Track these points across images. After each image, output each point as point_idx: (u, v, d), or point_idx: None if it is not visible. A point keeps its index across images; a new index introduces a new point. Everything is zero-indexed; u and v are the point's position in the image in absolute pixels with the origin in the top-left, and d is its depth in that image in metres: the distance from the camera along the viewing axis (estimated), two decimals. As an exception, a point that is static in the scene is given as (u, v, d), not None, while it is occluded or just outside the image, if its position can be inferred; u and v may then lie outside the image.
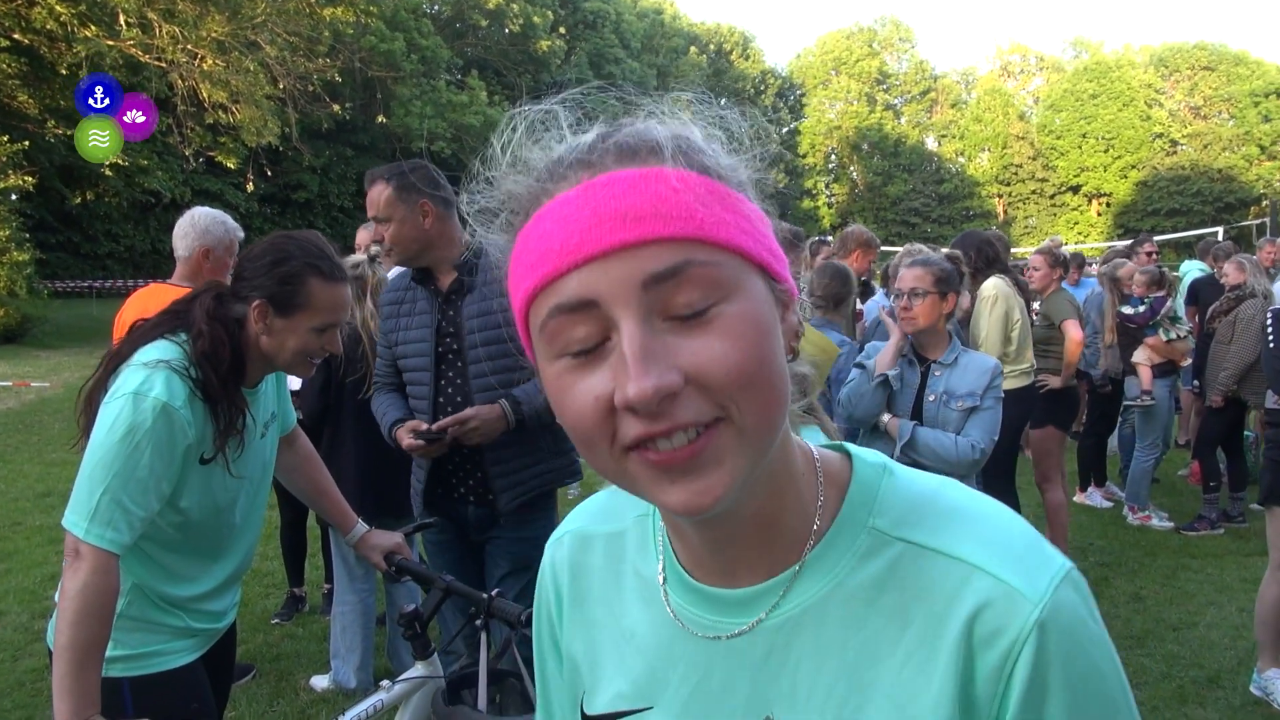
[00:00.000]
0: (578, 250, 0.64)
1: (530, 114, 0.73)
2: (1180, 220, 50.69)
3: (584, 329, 0.65)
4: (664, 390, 0.62)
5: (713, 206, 0.66)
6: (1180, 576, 5.76)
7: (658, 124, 0.71)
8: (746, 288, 0.67)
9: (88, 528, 1.87)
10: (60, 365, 16.21)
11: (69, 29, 20.44)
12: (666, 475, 0.66)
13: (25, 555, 6.13)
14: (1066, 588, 0.72)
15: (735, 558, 0.77)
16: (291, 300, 2.11)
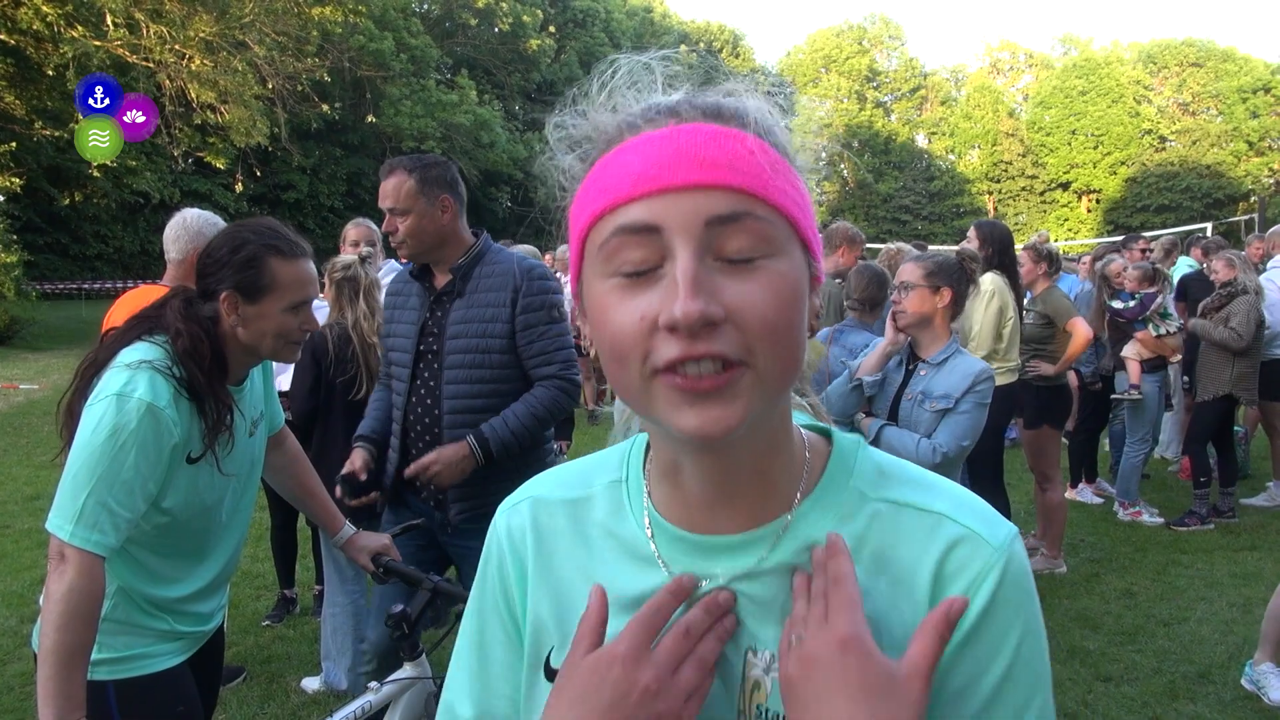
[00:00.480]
0: (654, 180, 0.72)
1: (631, 62, 0.81)
2: (1169, 216, 50.82)
3: (641, 252, 0.73)
4: (708, 316, 0.70)
5: (778, 175, 0.75)
6: (1171, 572, 5.78)
7: (746, 95, 0.79)
8: (791, 253, 0.76)
9: (72, 530, 1.86)
10: (49, 367, 16.12)
11: (55, 29, 20.31)
12: (687, 400, 0.72)
13: (13, 559, 6.10)
14: (1018, 543, 0.83)
15: (726, 507, 0.83)
16: (257, 284, 2.09)
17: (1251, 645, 4.63)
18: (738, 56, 66.00)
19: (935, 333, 3.46)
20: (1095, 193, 59.15)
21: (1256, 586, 5.45)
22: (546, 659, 0.91)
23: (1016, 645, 0.79)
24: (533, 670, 0.92)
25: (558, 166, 0.82)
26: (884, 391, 3.53)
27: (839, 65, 66.99)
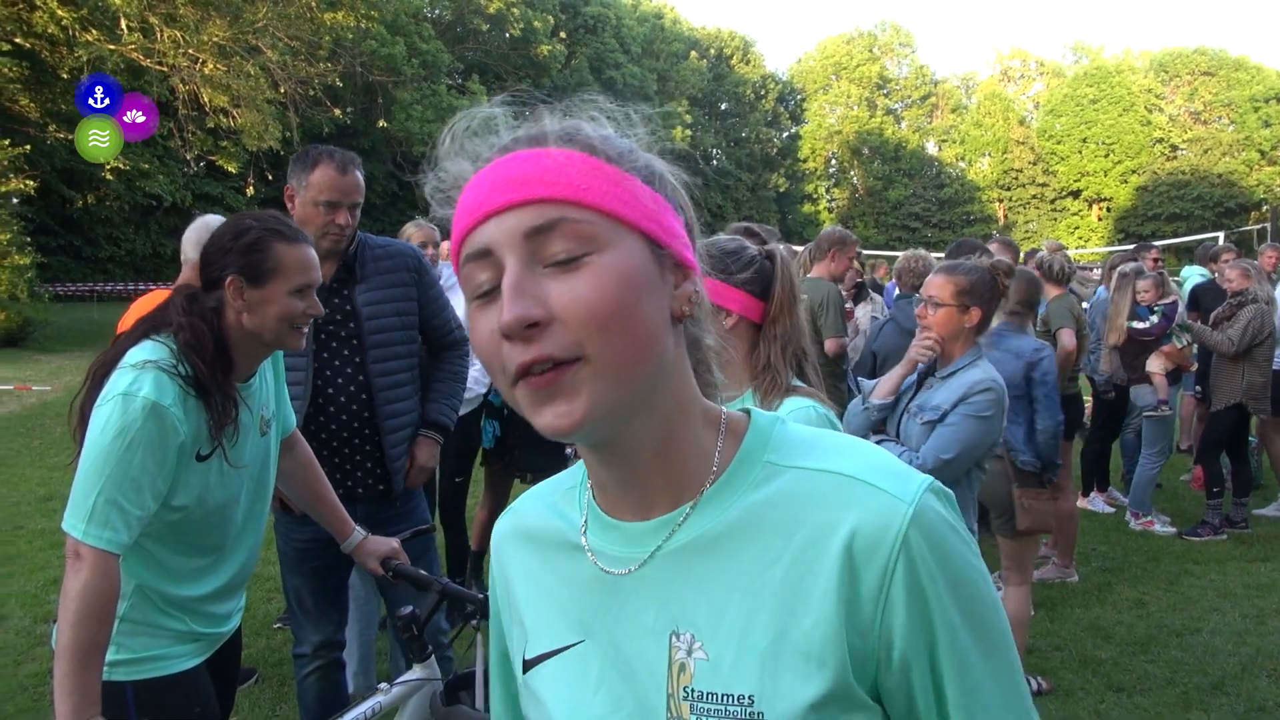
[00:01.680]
0: (479, 209, 0.80)
1: (475, 114, 0.87)
2: (1181, 225, 50.69)
3: (485, 274, 0.80)
4: (526, 319, 0.75)
5: (592, 179, 0.80)
6: (1183, 582, 5.75)
7: (550, 119, 0.85)
8: (621, 246, 0.79)
9: (85, 529, 1.88)
10: (61, 369, 16.20)
11: (70, 33, 20.44)
12: (537, 400, 0.77)
13: (27, 559, 6.13)
14: (932, 494, 0.82)
15: (642, 495, 0.87)
16: (261, 267, 2.11)
17: (1265, 656, 4.61)
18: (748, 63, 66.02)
19: (958, 349, 3.24)
20: (1106, 201, 59.02)
21: (1270, 597, 5.42)
22: (524, 653, 0.97)
23: (953, 599, 0.80)
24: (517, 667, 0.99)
25: (442, 218, 0.88)
26: (897, 407, 3.38)
27: (849, 72, 66.98)
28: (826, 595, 0.80)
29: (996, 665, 0.82)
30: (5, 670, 4.47)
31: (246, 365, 2.21)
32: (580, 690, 0.89)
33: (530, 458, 5.06)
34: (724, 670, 0.82)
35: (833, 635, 0.79)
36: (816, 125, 65.95)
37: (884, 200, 62.86)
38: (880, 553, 0.79)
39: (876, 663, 0.80)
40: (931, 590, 0.79)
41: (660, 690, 0.84)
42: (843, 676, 0.79)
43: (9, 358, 17.66)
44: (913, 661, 0.80)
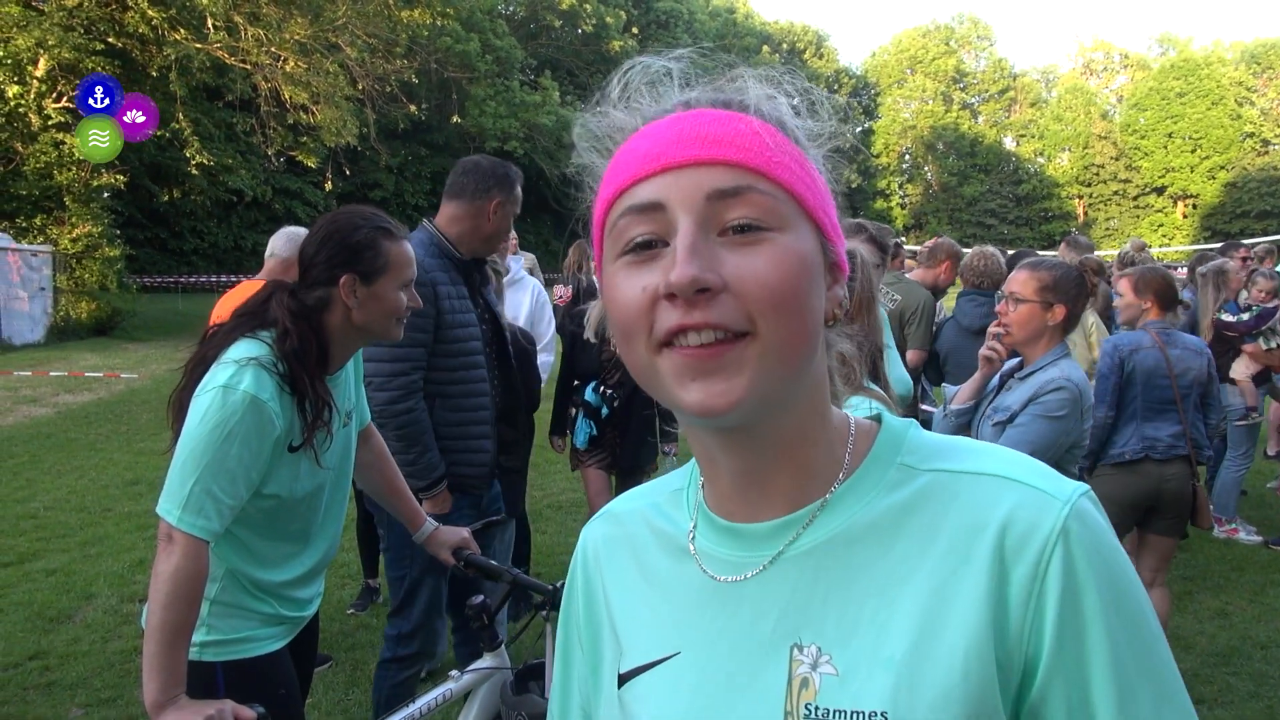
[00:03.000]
0: (658, 160, 0.74)
1: (651, 63, 0.82)
2: (1271, 223, 48.78)
3: (647, 229, 0.74)
4: (701, 281, 0.70)
5: (782, 154, 0.76)
6: (1269, 593, 5.55)
7: (752, 84, 0.80)
8: (798, 229, 0.75)
9: (180, 515, 1.95)
10: (147, 358, 16.76)
11: (159, 33, 21.13)
12: (689, 374, 0.72)
13: (115, 541, 6.36)
14: (1087, 499, 0.76)
15: (761, 493, 0.82)
16: (374, 265, 2.20)
17: (1356, 672, 4.42)
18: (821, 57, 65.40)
19: (1041, 348, 3.11)
20: (1192, 198, 57.11)
21: (1362, 611, 5.20)
22: (619, 667, 0.90)
23: (1108, 623, 0.72)
24: (604, 677, 0.93)
25: (583, 165, 0.84)
26: (978, 410, 3.30)
27: (925, 66, 65.86)
28: (973, 602, 0.72)
29: (1161, 691, 0.74)
30: (94, 647, 4.65)
31: (341, 360, 2.29)
32: (672, 706, 0.82)
33: (631, 456, 4.96)
34: (854, 686, 0.74)
35: (978, 646, 0.72)
36: (890, 120, 64.99)
37: (959, 196, 61.69)
38: (1033, 546, 0.72)
39: (1021, 676, 0.73)
40: (1089, 593, 0.72)
41: (775, 708, 0.76)
42: (988, 693, 0.72)
43: (98, 346, 18.33)
44: (1062, 675, 0.72)
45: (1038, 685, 0.72)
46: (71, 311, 19.35)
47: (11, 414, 11.14)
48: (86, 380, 13.75)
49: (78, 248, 19.53)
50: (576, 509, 7.13)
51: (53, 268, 19.15)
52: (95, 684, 4.26)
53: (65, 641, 4.71)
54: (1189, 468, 4.06)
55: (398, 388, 3.14)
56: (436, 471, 3.23)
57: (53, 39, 18.34)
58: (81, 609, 5.16)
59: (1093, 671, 0.72)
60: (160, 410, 11.44)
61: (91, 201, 20.18)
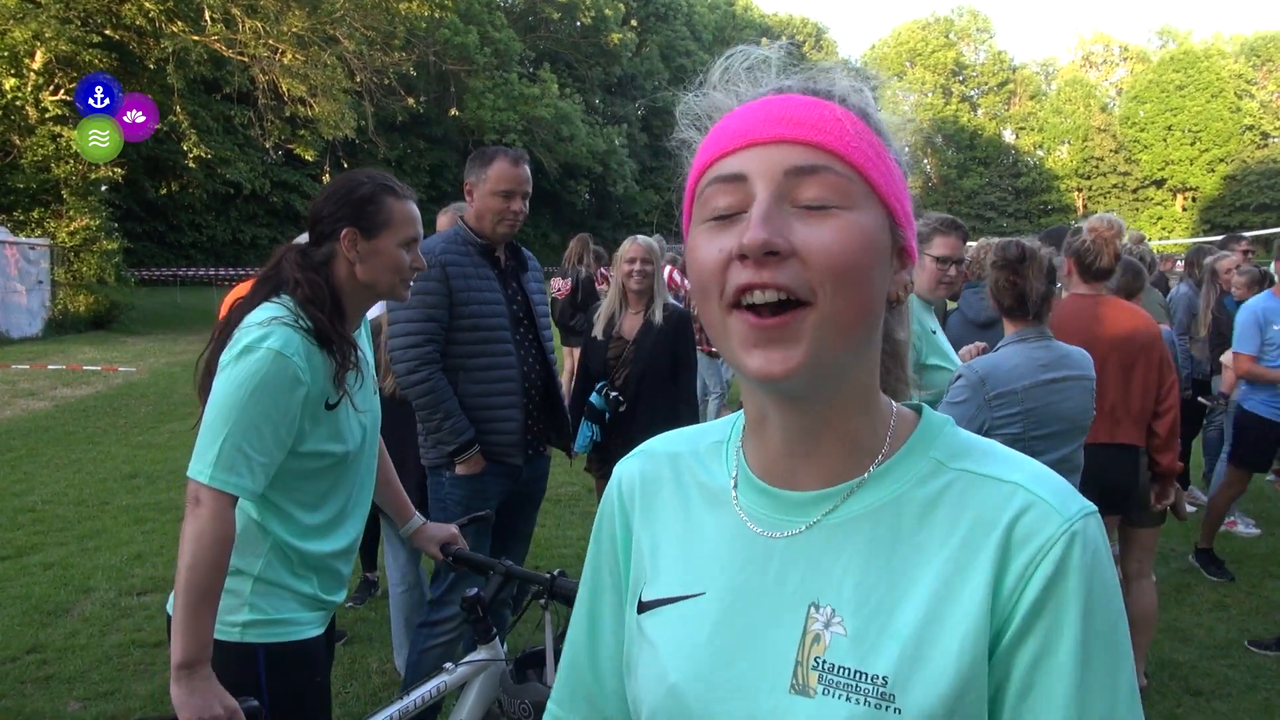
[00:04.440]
0: (745, 136, 0.82)
1: (752, 53, 0.90)
2: (1270, 216, 48.75)
3: (730, 198, 0.81)
4: (771, 244, 0.76)
5: (860, 140, 0.82)
6: (1266, 585, 5.56)
7: (840, 75, 0.88)
8: (869, 211, 0.81)
9: (211, 473, 1.93)
10: (146, 351, 16.75)
11: (157, 25, 21.09)
12: (753, 339, 0.79)
13: (113, 534, 6.36)
14: (1093, 520, 0.81)
15: (806, 462, 0.88)
16: (375, 220, 2.21)
17: (1353, 665, 4.43)
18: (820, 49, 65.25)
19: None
20: (1191, 191, 57.10)
21: (1360, 604, 5.20)
22: (640, 594, 0.96)
23: (1086, 613, 0.78)
24: (629, 605, 0.98)
25: (680, 140, 0.91)
26: None
27: (924, 59, 65.80)
28: (975, 591, 0.79)
29: (1118, 696, 0.79)
30: (92, 641, 4.65)
31: (355, 317, 2.29)
32: (694, 639, 0.89)
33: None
34: (862, 648, 0.80)
35: (974, 631, 0.78)
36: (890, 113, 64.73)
37: (958, 189, 61.67)
38: (1033, 545, 0.79)
39: (994, 638, 0.79)
40: (1073, 588, 0.78)
41: (787, 656, 0.83)
42: (978, 672, 0.78)
43: (96, 340, 18.32)
44: (1033, 639, 0.78)
45: (1006, 640, 0.79)
46: (69, 305, 19.34)
47: (9, 407, 11.12)
48: (84, 374, 13.74)
49: (75, 241, 19.52)
50: (574, 502, 7.13)
51: (50, 261, 19.13)
52: (93, 677, 4.26)
53: (63, 635, 4.71)
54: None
55: (412, 359, 3.37)
56: (463, 436, 3.41)
57: (49, 31, 18.29)
58: (79, 602, 5.16)
59: (1060, 648, 0.78)
60: (158, 404, 11.50)
61: (89, 195, 20.16)
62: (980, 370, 3.14)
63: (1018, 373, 3.11)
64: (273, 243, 34.47)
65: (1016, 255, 3.16)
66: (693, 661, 0.88)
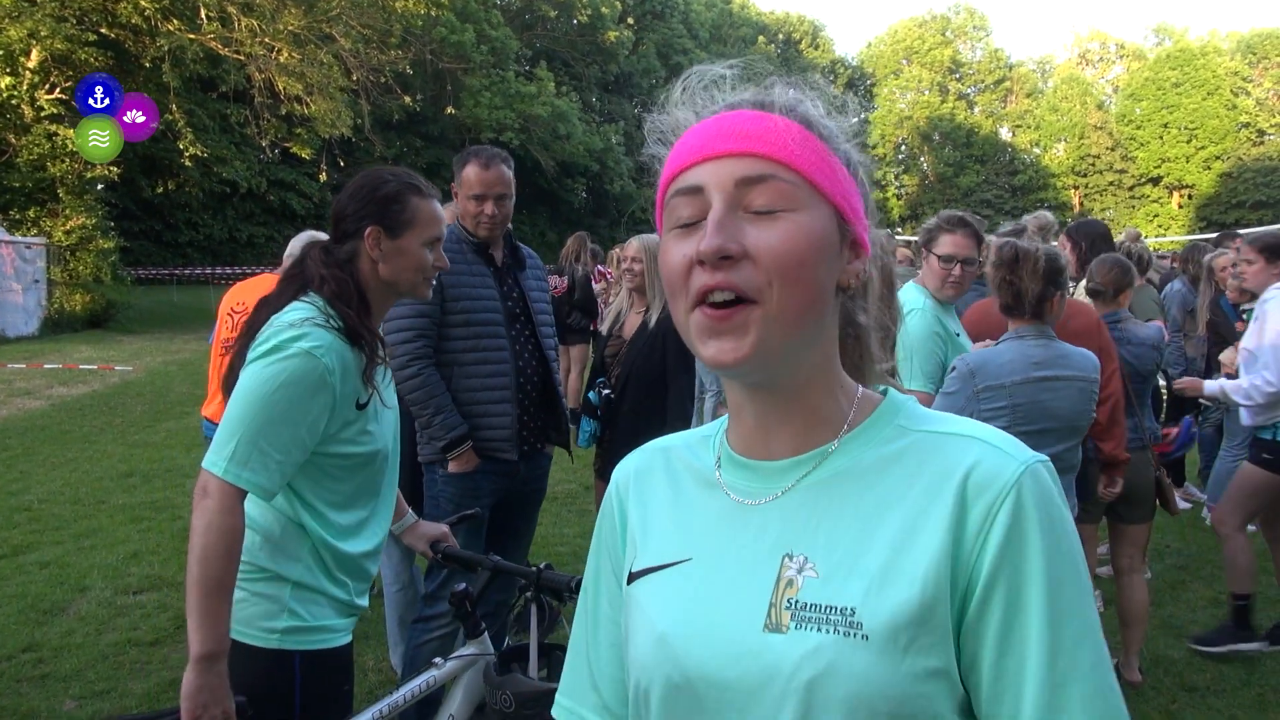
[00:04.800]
0: (700, 151, 0.91)
1: (707, 72, 0.99)
2: (1266, 213, 48.77)
3: (690, 208, 0.91)
4: (723, 249, 0.86)
5: (804, 148, 0.91)
6: (1261, 581, 5.55)
7: (781, 89, 0.97)
8: (814, 211, 0.90)
9: (225, 466, 1.92)
10: (142, 350, 16.74)
11: (152, 23, 21.06)
12: (709, 332, 0.88)
13: (108, 533, 6.36)
14: (1045, 465, 0.90)
15: (777, 436, 0.97)
16: (399, 219, 2.21)
17: (1347, 660, 4.44)
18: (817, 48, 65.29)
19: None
20: (1188, 188, 57.11)
21: (1354, 599, 5.21)
22: (630, 567, 1.05)
23: (1048, 553, 0.85)
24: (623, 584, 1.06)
25: (650, 155, 1.01)
26: None
27: (921, 57, 65.78)
28: (936, 532, 0.86)
29: (1084, 628, 0.85)
30: (88, 639, 4.65)
31: (380, 314, 2.30)
32: (680, 599, 0.97)
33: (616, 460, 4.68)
34: (831, 586, 0.88)
35: (936, 561, 0.85)
36: (886, 110, 64.88)
37: (955, 187, 61.68)
38: (991, 491, 0.86)
39: (965, 594, 0.86)
40: (1031, 537, 0.85)
41: (762, 600, 0.91)
42: (939, 597, 0.84)
43: (93, 339, 18.31)
44: (1001, 590, 0.84)
45: (977, 596, 0.85)
46: (65, 304, 19.33)
47: (5, 407, 11.12)
48: (81, 373, 13.73)
49: (72, 240, 19.50)
50: (571, 500, 7.14)
51: (46, 260, 19.12)
52: (89, 676, 4.25)
53: (59, 634, 4.71)
54: (1146, 457, 4.05)
55: (404, 354, 3.39)
56: (455, 431, 3.42)
57: (45, 30, 18.26)
58: (75, 601, 5.16)
59: (1029, 592, 0.84)
60: (155, 402, 11.49)
61: (85, 193, 20.13)
62: (972, 363, 3.20)
63: (1008, 368, 3.15)
64: (269, 241, 34.63)
65: (1010, 256, 3.21)
66: (678, 611, 0.96)
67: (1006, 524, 0.85)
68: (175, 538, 6.20)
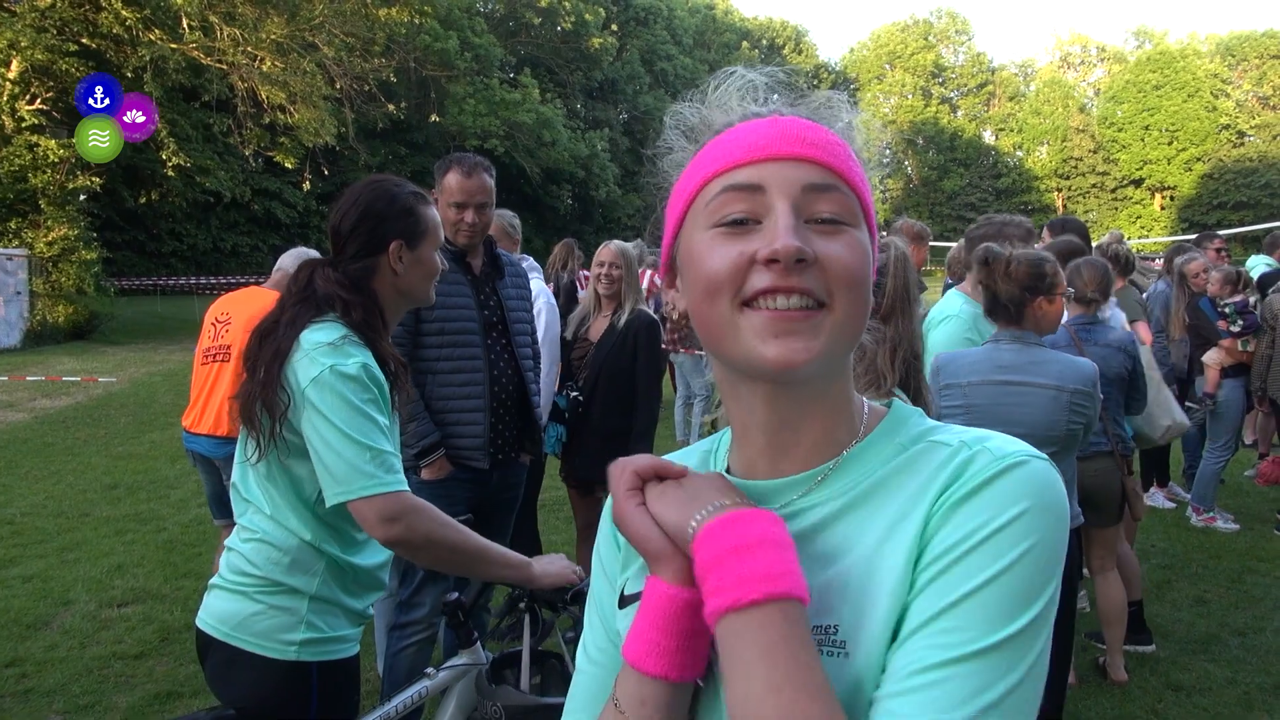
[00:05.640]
0: (763, 150, 0.88)
1: (743, 74, 0.97)
2: (1247, 214, 49.23)
3: (743, 206, 0.87)
4: (803, 253, 0.83)
5: (853, 165, 0.92)
6: (1246, 580, 5.61)
7: (843, 109, 0.97)
8: (862, 229, 0.89)
9: (385, 479, 2.01)
10: (126, 361, 16.63)
11: (134, 33, 20.95)
12: (772, 330, 0.84)
13: (93, 545, 6.31)
14: (1037, 461, 0.84)
15: (787, 449, 0.93)
16: (416, 230, 2.25)
17: (1331, 657, 4.47)
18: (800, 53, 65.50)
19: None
20: (1169, 189, 57.56)
21: (1338, 597, 5.26)
22: (622, 588, 1.02)
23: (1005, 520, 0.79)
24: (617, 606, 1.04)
25: (668, 146, 0.98)
26: None
27: (904, 61, 66.12)
28: (910, 533, 0.83)
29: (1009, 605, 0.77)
30: (72, 653, 4.61)
31: (392, 327, 2.32)
32: None
33: (591, 465, 4.47)
34: (816, 605, 0.83)
35: (903, 566, 0.82)
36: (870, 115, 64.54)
37: (938, 190, 61.99)
38: (964, 476, 0.83)
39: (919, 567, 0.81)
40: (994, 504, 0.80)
41: None
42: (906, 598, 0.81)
43: (76, 350, 18.18)
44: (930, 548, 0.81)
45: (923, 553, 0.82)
46: (48, 315, 19.18)
47: (-12, 419, 11.02)
48: (64, 385, 13.63)
49: (54, 251, 19.34)
50: (559, 507, 7.12)
51: (28, 271, 18.97)
52: (73, 690, 4.22)
53: (42, 648, 4.67)
54: (1113, 462, 4.01)
55: None
56: (427, 439, 3.42)
57: (25, 40, 18.14)
58: (59, 615, 5.11)
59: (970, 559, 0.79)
60: (139, 414, 11.41)
61: (67, 204, 19.99)
62: (940, 360, 3.26)
63: (970, 369, 3.20)
64: (254, 251, 34.51)
65: (980, 259, 3.22)
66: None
67: (963, 493, 0.81)
68: (160, 550, 6.15)
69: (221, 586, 2.12)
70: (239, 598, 2.08)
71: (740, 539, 0.80)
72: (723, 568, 0.79)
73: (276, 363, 2.06)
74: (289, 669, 2.03)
